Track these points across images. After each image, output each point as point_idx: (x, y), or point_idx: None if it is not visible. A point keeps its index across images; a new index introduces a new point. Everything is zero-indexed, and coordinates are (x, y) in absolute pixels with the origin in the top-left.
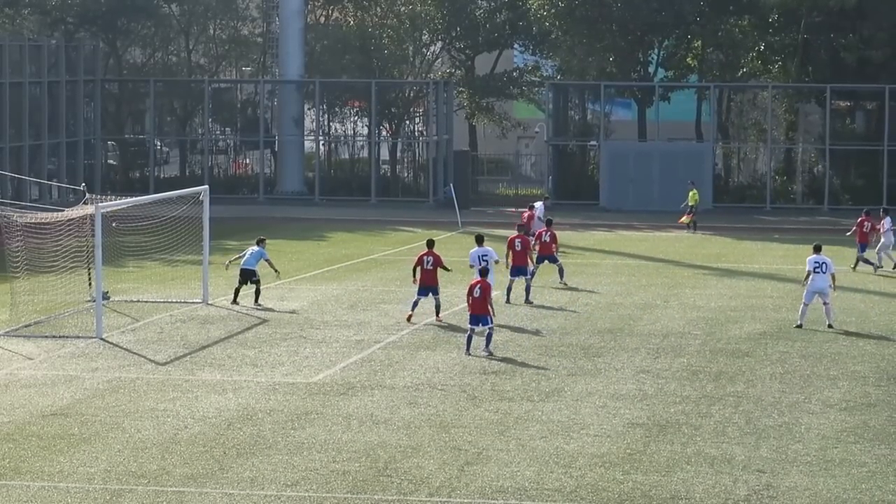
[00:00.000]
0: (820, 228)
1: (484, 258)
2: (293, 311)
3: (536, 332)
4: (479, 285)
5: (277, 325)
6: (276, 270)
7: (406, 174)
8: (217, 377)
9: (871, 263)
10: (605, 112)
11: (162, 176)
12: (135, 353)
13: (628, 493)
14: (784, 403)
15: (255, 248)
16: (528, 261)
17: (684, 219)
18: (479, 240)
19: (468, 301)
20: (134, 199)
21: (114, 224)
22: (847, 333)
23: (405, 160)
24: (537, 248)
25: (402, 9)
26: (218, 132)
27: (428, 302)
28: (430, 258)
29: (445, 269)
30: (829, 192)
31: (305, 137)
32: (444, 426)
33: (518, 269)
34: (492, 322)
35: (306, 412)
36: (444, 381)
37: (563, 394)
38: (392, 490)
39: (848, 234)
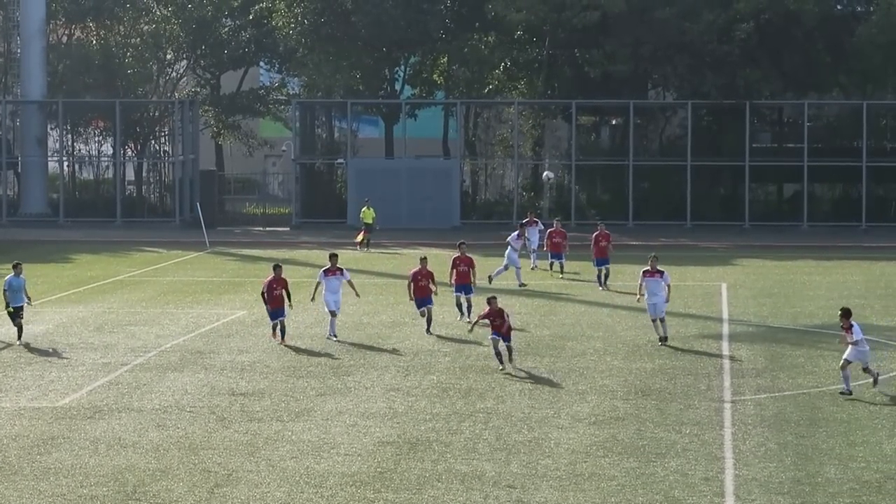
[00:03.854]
0: (568, 243)
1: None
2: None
3: (284, 353)
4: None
5: (22, 349)
6: (28, 298)
7: (152, 194)
8: None
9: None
10: (351, 129)
11: None
12: None
13: None
14: (533, 419)
15: (12, 276)
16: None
17: (360, 237)
18: (333, 257)
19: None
20: None
21: None
22: (594, 348)
23: (151, 180)
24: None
25: (146, 27)
26: None
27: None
28: (276, 283)
29: (288, 295)
30: (576, 207)
31: (49, 158)
32: (193, 448)
33: (462, 287)
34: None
35: (52, 437)
36: (192, 403)
37: (312, 413)
38: None
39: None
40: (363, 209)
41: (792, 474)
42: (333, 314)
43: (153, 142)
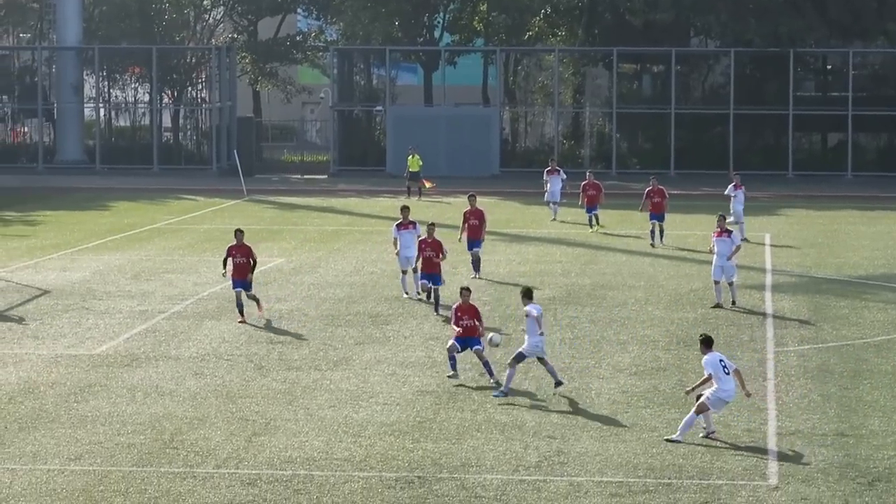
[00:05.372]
0: (608, 192)
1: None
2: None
3: (323, 302)
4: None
5: (59, 297)
6: None
7: (189, 142)
8: None
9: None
10: (390, 77)
11: None
12: None
13: (418, 462)
14: (574, 369)
15: None
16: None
17: (427, 185)
18: (404, 210)
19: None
20: None
21: None
22: (636, 298)
23: (188, 127)
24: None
25: None
26: None
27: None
28: (237, 251)
29: (254, 260)
30: (617, 155)
31: (85, 105)
32: (230, 397)
33: (473, 242)
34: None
35: (90, 384)
36: (230, 351)
37: (351, 362)
38: (178, 462)
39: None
40: (409, 157)
41: (835, 426)
42: (405, 272)
43: (190, 88)
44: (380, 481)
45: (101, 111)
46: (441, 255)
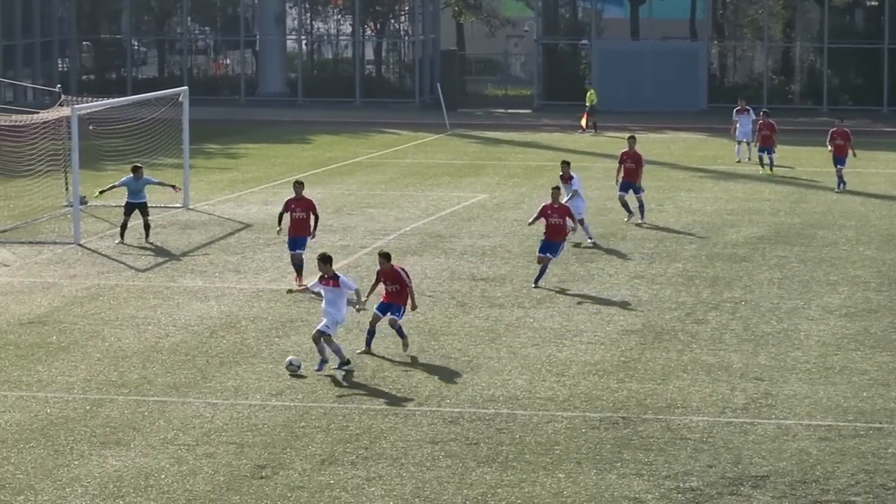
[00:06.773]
0: (819, 129)
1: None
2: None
3: (526, 238)
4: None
5: (261, 231)
6: (173, 186)
7: (391, 75)
8: (199, 284)
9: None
10: (596, 10)
11: (139, 77)
12: (114, 260)
13: (623, 402)
14: (783, 309)
15: (132, 176)
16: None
17: (583, 121)
18: (564, 165)
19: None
20: (111, 100)
21: (90, 127)
22: (846, 237)
23: (390, 60)
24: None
25: None
26: (197, 31)
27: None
28: (296, 204)
29: (316, 216)
30: (828, 91)
31: (287, 37)
32: (433, 334)
33: (628, 185)
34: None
35: (291, 320)
36: (432, 288)
37: (555, 300)
38: (380, 399)
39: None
40: (588, 92)
41: None
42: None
43: (393, 21)
44: (583, 421)
45: (303, 43)
46: (571, 218)
